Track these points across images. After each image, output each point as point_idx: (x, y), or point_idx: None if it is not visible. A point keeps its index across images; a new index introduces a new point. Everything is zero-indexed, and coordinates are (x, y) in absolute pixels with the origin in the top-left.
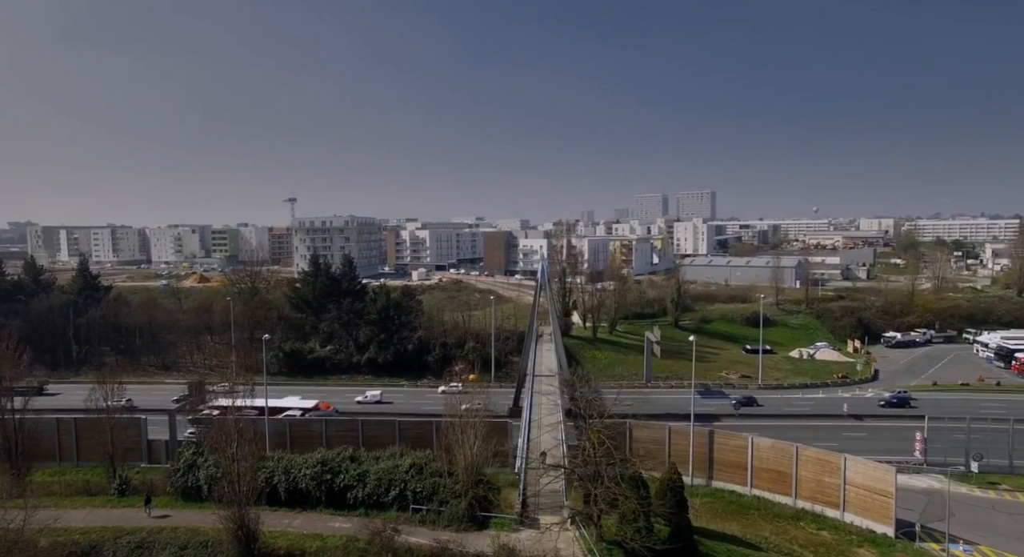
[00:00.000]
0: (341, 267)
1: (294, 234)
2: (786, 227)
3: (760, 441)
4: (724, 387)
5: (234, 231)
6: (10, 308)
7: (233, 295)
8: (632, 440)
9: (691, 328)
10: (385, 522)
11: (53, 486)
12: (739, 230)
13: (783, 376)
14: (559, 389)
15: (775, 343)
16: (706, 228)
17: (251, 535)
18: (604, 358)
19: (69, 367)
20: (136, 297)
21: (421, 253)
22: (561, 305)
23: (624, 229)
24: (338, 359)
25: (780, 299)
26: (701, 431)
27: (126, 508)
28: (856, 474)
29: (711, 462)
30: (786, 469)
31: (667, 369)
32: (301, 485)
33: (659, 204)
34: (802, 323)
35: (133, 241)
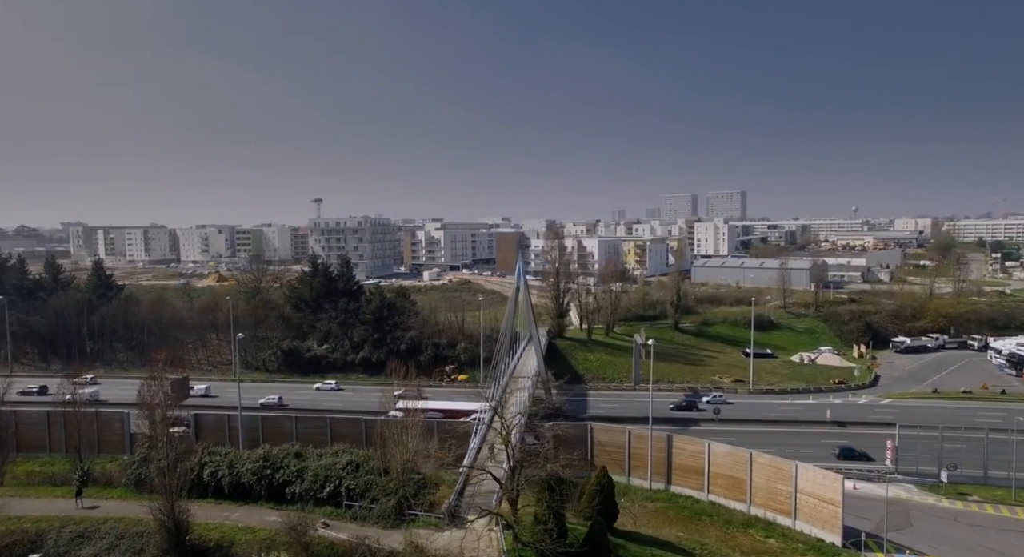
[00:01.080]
0: (339, 268)
1: (310, 235)
2: (817, 227)
3: (716, 447)
4: (713, 391)
5: (257, 231)
6: (31, 305)
7: (235, 295)
8: (594, 442)
9: (691, 331)
10: (306, 517)
11: (33, 476)
12: (767, 230)
13: (778, 380)
14: (529, 390)
15: (778, 347)
16: (727, 229)
17: (180, 526)
18: (596, 360)
19: (83, 362)
20: (147, 296)
21: (436, 253)
22: (555, 306)
23: (644, 230)
24: (334, 357)
25: (788, 302)
26: (659, 435)
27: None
28: (807, 482)
29: (670, 467)
30: (741, 475)
31: (658, 372)
32: (244, 480)
33: (688, 204)
34: (808, 327)
35: (164, 241)
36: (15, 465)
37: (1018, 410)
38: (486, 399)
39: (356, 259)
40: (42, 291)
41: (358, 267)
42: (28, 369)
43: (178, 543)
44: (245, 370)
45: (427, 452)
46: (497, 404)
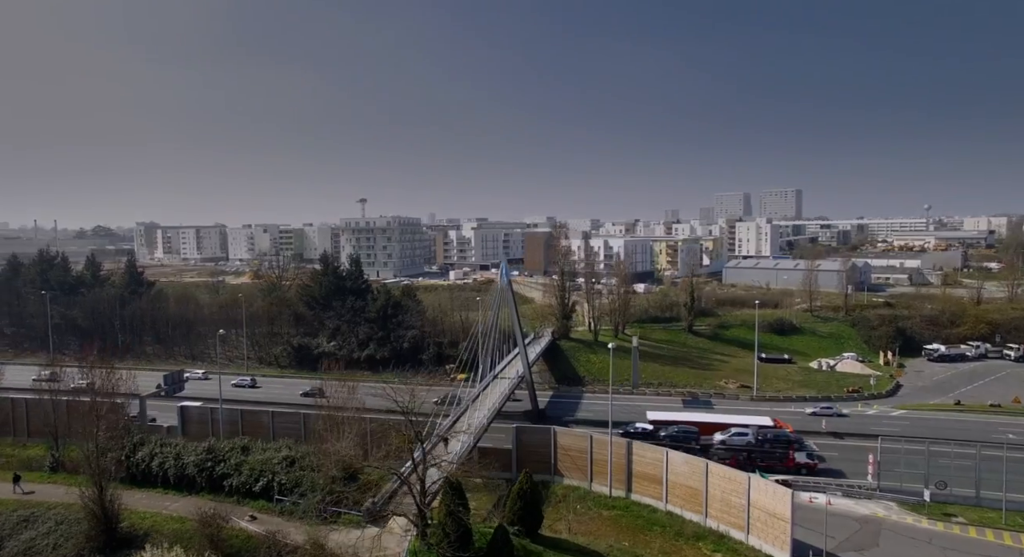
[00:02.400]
0: (348, 266)
1: (341, 234)
2: (877, 227)
3: (674, 455)
4: (714, 397)
5: (299, 231)
6: (72, 300)
7: (253, 292)
8: (556, 447)
9: (706, 333)
10: (228, 509)
11: (11, 460)
12: (820, 230)
13: (787, 387)
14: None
15: (798, 352)
16: (770, 228)
17: (109, 514)
18: (599, 362)
19: (115, 354)
20: (176, 292)
21: (467, 253)
22: (560, 307)
23: (684, 229)
24: (341, 354)
25: (816, 305)
26: (619, 441)
27: (49, 484)
28: (760, 495)
29: (630, 474)
30: (698, 486)
31: (663, 375)
32: (187, 471)
33: (739, 203)
34: (833, 332)
35: (215, 240)
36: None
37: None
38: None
39: (385, 258)
40: (83, 287)
41: (387, 266)
42: (68, 359)
43: (107, 530)
44: (259, 365)
45: (359, 450)
46: (407, 404)
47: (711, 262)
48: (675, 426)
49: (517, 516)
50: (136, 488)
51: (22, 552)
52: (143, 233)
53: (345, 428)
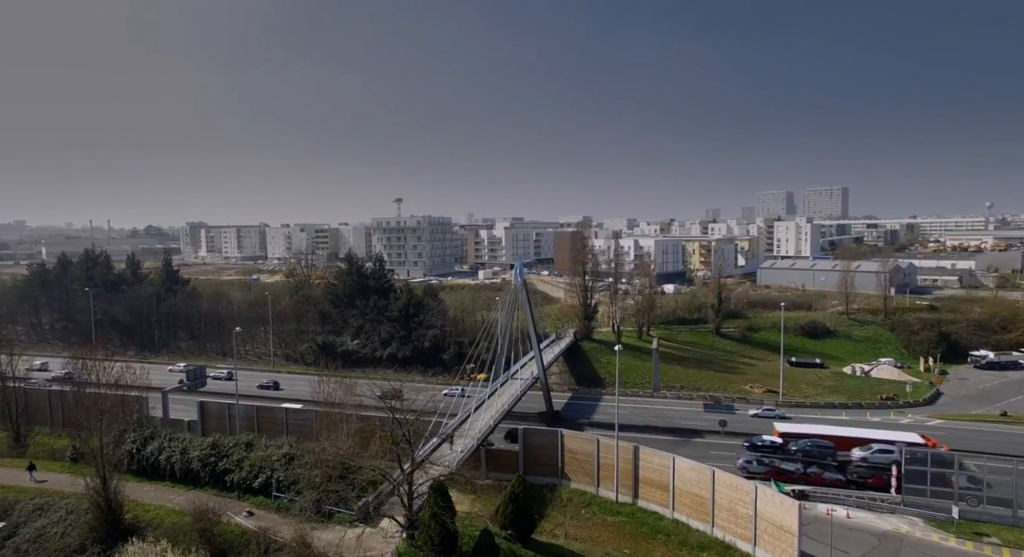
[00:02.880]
0: (373, 265)
1: (373, 234)
2: (929, 226)
3: (681, 462)
4: (736, 401)
5: (335, 230)
6: (113, 297)
7: (280, 291)
8: (564, 450)
9: (734, 336)
10: (220, 504)
11: (40, 448)
12: (866, 230)
13: (816, 393)
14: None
15: (831, 357)
16: (810, 228)
17: (112, 505)
18: (622, 363)
19: (152, 349)
20: (208, 290)
21: (498, 252)
22: (582, 307)
23: (720, 229)
24: (364, 353)
25: (853, 308)
26: (626, 446)
27: (67, 474)
28: (767, 506)
29: (636, 480)
30: (705, 494)
31: (686, 378)
32: (192, 466)
33: (782, 202)
34: (871, 335)
35: (255, 239)
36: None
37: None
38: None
39: (415, 257)
40: (124, 284)
41: (416, 265)
42: (109, 353)
43: (110, 522)
44: (286, 362)
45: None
46: (390, 402)
47: (746, 263)
48: (807, 440)
49: (508, 520)
50: (146, 481)
51: (33, 539)
52: (188, 233)
53: (343, 425)
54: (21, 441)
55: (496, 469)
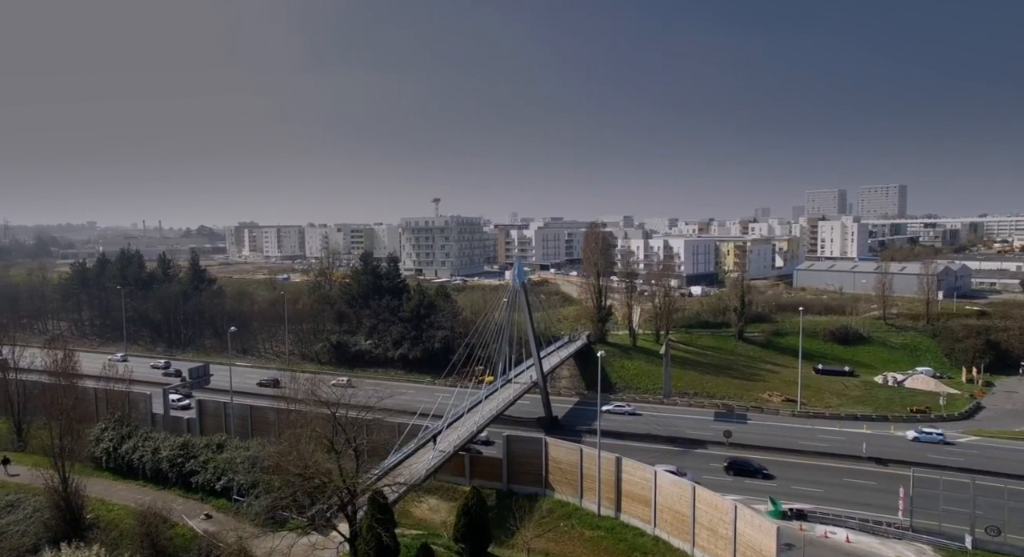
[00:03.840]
0: (386, 265)
1: (401, 233)
2: (997, 225)
3: (663, 476)
4: (751, 410)
5: (369, 229)
6: (144, 295)
7: (302, 291)
8: (548, 459)
9: (758, 341)
10: (179, 507)
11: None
12: (923, 229)
13: (840, 404)
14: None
15: (863, 364)
16: (856, 227)
17: (72, 505)
18: (634, 369)
19: (177, 346)
20: (233, 289)
21: (528, 253)
22: (595, 310)
23: (761, 228)
24: (376, 353)
25: (891, 313)
26: (608, 457)
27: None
28: (746, 526)
29: (619, 492)
30: (685, 511)
31: (701, 385)
32: (161, 466)
33: (834, 200)
34: (908, 342)
35: (294, 238)
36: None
37: None
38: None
39: (443, 257)
40: (155, 283)
41: (444, 265)
42: (139, 349)
43: (70, 521)
44: (301, 361)
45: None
46: (334, 407)
47: (785, 264)
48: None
49: (461, 533)
50: (121, 480)
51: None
52: (233, 233)
53: (304, 428)
54: (22, 434)
55: (480, 476)
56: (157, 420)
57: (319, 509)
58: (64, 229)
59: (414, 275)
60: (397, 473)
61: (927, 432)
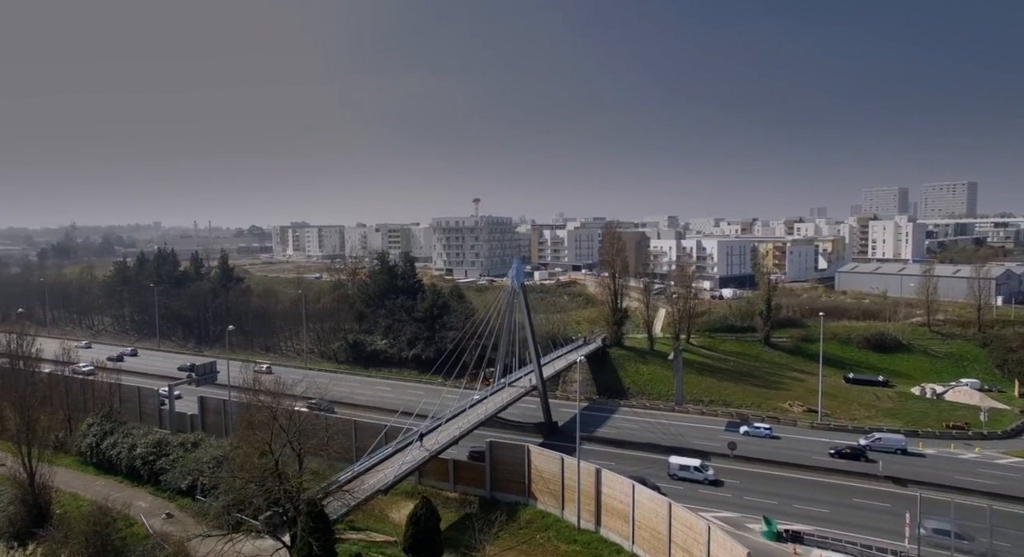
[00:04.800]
0: (402, 264)
1: (432, 233)
2: None
3: (641, 490)
4: (766, 420)
5: (406, 229)
6: (176, 293)
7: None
8: (531, 468)
9: (786, 347)
10: (152, 504)
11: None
12: (993, 229)
13: (868, 416)
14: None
15: (900, 374)
16: (912, 227)
17: (39, 499)
18: (648, 373)
19: (206, 343)
20: (259, 287)
21: (560, 253)
22: (611, 312)
23: (808, 229)
24: (391, 353)
25: (937, 319)
26: (588, 468)
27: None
28: (719, 549)
29: (599, 506)
30: (662, 529)
31: (717, 392)
32: (135, 463)
33: (895, 199)
34: (954, 351)
35: (335, 238)
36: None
37: None
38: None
39: (472, 258)
40: (188, 281)
41: (474, 265)
42: (172, 345)
43: (36, 515)
44: (320, 360)
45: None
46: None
47: (829, 266)
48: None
49: (409, 544)
50: (103, 475)
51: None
52: (279, 233)
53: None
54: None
55: (464, 482)
56: (164, 415)
57: (275, 512)
58: (132, 229)
59: (443, 275)
60: (361, 481)
61: (757, 426)
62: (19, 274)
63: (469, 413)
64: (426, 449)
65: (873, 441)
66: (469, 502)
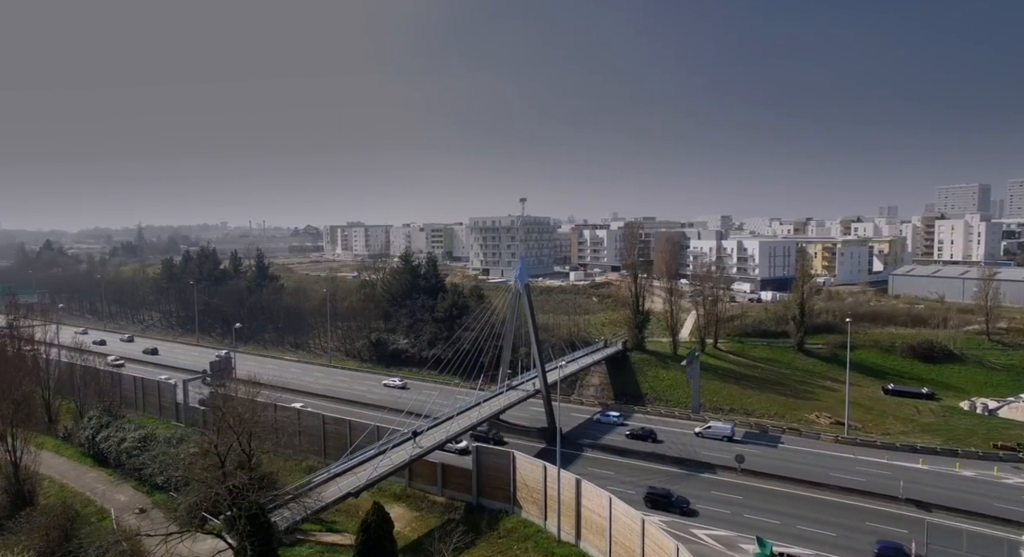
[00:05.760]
0: (425, 264)
1: (468, 232)
2: None
3: (618, 504)
4: (787, 432)
5: (449, 229)
6: (215, 290)
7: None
8: (515, 475)
9: (822, 354)
10: (131, 498)
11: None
12: None
13: (904, 432)
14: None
15: (949, 387)
16: (984, 227)
17: (24, 491)
18: (668, 379)
19: (241, 339)
20: (292, 285)
21: (600, 253)
22: (633, 314)
23: (866, 228)
24: (412, 352)
25: (998, 327)
26: (569, 478)
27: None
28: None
29: (579, 518)
30: (635, 546)
31: (740, 400)
32: (122, 457)
33: (974, 196)
34: (1015, 363)
35: (381, 238)
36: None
37: None
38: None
39: (508, 258)
40: (227, 279)
41: (510, 266)
42: (210, 340)
43: (18, 506)
44: (345, 358)
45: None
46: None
47: (885, 268)
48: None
49: (358, 551)
50: (97, 467)
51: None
52: (329, 232)
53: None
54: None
55: (452, 487)
56: (180, 408)
57: (231, 514)
58: (200, 229)
59: (478, 275)
60: (337, 481)
61: (608, 414)
62: (85, 271)
63: (460, 418)
64: (407, 454)
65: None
66: (455, 507)
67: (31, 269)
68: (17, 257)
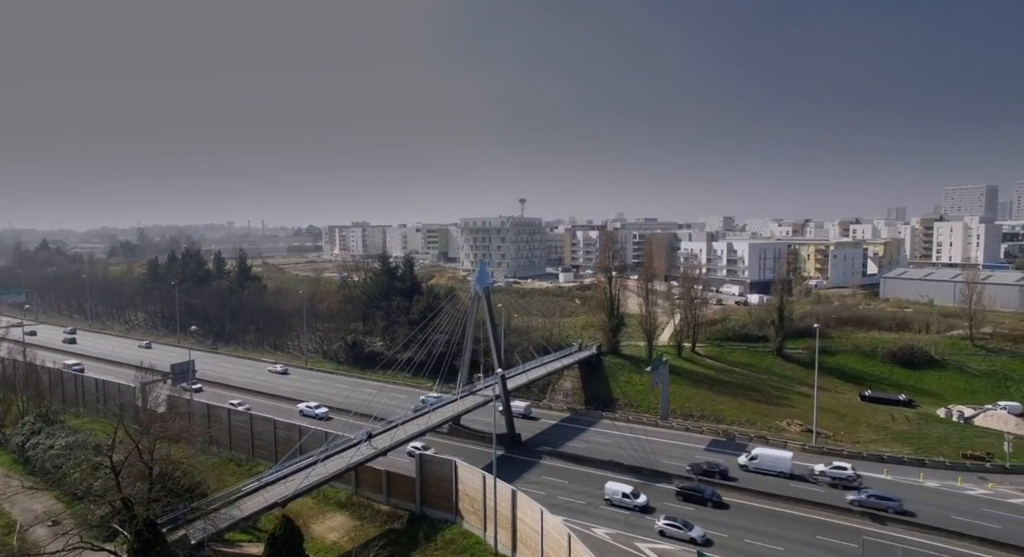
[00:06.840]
0: (402, 266)
1: (460, 233)
2: None
3: (549, 518)
4: (755, 439)
5: (444, 229)
6: (198, 291)
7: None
8: (458, 484)
9: (801, 359)
10: (53, 508)
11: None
12: None
13: (874, 440)
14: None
15: (928, 393)
16: (983, 229)
17: None
18: (640, 384)
19: (220, 339)
20: (274, 287)
21: (593, 254)
22: (607, 317)
23: (865, 230)
24: (388, 354)
25: (982, 332)
26: (505, 489)
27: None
28: None
29: (515, 531)
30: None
31: (710, 406)
32: (46, 465)
33: (981, 198)
34: (997, 369)
35: (377, 238)
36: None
37: None
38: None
39: (499, 258)
40: (210, 280)
41: (500, 266)
42: (192, 341)
43: None
44: (322, 359)
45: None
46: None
47: (880, 270)
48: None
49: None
50: (27, 475)
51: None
52: (327, 232)
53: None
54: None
55: (397, 496)
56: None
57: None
58: (205, 229)
59: (467, 276)
60: (254, 496)
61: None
62: (75, 271)
63: (408, 425)
64: (344, 462)
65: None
66: (399, 516)
67: (21, 268)
68: (13, 256)
